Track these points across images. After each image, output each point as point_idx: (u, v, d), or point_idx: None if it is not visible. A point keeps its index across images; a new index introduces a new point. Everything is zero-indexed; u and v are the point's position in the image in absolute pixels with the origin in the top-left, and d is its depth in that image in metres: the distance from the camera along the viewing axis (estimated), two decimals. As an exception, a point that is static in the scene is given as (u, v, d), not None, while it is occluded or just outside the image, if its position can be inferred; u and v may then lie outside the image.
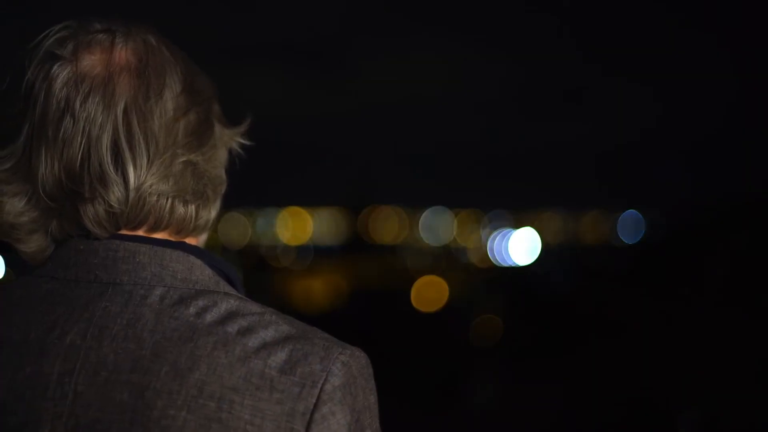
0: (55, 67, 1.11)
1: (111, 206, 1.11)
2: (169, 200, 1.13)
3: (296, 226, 39.42)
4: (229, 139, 1.25)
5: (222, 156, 1.23)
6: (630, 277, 19.87)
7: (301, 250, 36.66)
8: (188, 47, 1.23)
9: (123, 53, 1.13)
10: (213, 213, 1.21)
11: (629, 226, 33.36)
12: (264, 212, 38.84)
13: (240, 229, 36.15)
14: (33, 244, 1.16)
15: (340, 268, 29.95)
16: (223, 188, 1.23)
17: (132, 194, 1.10)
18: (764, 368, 10.91)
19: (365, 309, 20.63)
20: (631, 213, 34.05)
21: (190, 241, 1.19)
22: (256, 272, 28.80)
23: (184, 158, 1.13)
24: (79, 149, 1.09)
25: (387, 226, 37.89)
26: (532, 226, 35.86)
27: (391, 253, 34.46)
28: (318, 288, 27.29)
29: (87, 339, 1.08)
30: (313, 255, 35.43)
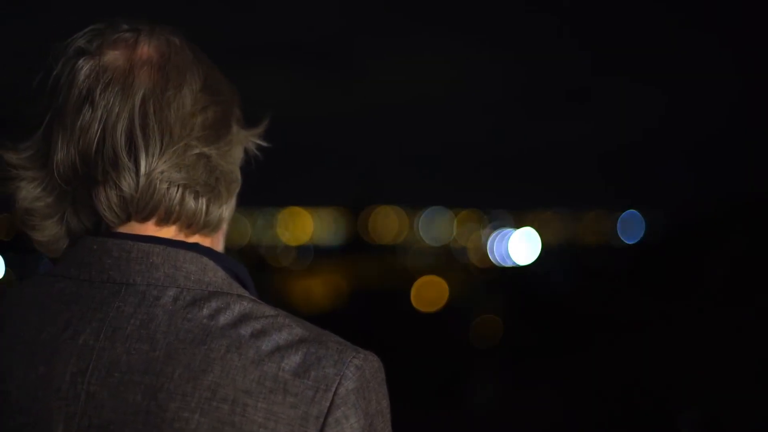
0: (80, 61, 1.14)
1: (122, 191, 1.11)
2: (180, 190, 1.13)
3: (296, 226, 39.43)
4: (245, 139, 1.26)
5: (237, 154, 1.24)
6: (630, 277, 19.87)
7: (301, 250, 36.66)
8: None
9: (146, 49, 1.15)
10: (226, 211, 1.22)
11: (629, 226, 33.38)
12: (264, 212, 38.86)
13: (240, 229, 36.15)
14: (47, 232, 1.17)
15: (340, 268, 29.94)
16: (236, 186, 1.24)
17: (143, 180, 1.11)
18: (764, 368, 10.91)
19: (365, 309, 20.62)
20: (631, 213, 34.07)
21: (204, 241, 1.19)
22: (256, 272, 28.68)
23: (197, 150, 1.14)
24: (95, 135, 1.11)
25: (387, 226, 37.91)
26: (532, 226, 35.87)
27: (391, 253, 34.46)
28: (318, 288, 27.28)
29: (100, 339, 1.08)
30: (313, 255, 35.43)
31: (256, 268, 30.53)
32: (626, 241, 32.09)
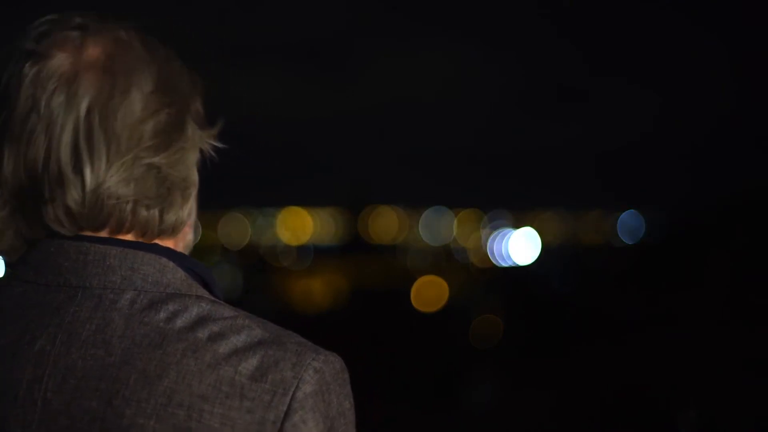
0: (27, 65, 1.09)
1: (68, 208, 1.08)
2: (130, 204, 1.10)
3: (296, 226, 39.42)
4: (201, 141, 1.19)
5: (192, 158, 1.17)
6: (630, 277, 19.87)
7: (301, 250, 36.65)
8: (193, 47, 1.21)
9: (92, 50, 1.10)
10: (183, 215, 1.16)
11: (629, 226, 33.39)
12: (264, 212, 38.85)
13: (240, 229, 36.13)
14: (6, 243, 1.14)
15: (340, 268, 29.94)
16: (192, 190, 1.18)
17: (89, 196, 1.08)
18: (764, 368, 10.92)
19: (365, 309, 20.62)
20: (631, 213, 34.09)
21: (165, 242, 1.16)
22: (256, 272, 28.77)
23: (147, 161, 1.10)
24: (42, 149, 1.08)
25: (387, 226, 37.91)
26: (532, 226, 35.87)
27: (391, 253, 34.46)
28: (318, 288, 27.27)
29: (56, 345, 1.06)
30: (313, 255, 35.42)
31: (256, 268, 30.51)
32: (626, 241, 32.09)
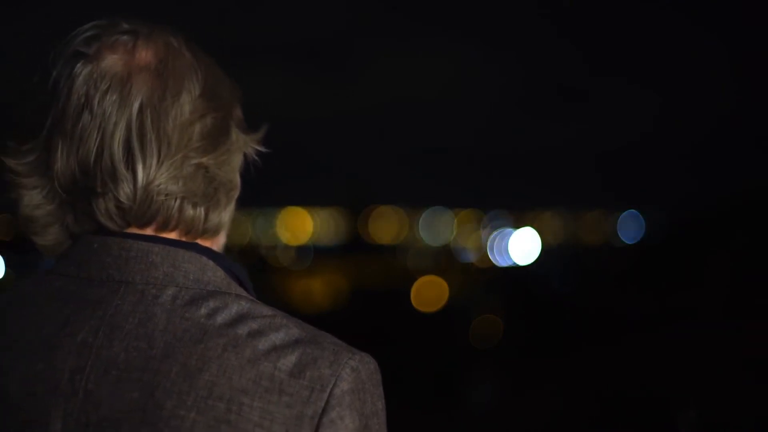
0: (79, 65, 1.13)
1: (120, 202, 1.12)
2: (178, 201, 1.14)
3: (296, 226, 39.43)
4: (245, 145, 1.25)
5: (236, 161, 1.23)
6: (630, 277, 19.89)
7: (301, 250, 36.67)
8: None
9: (144, 53, 1.15)
10: (225, 216, 1.22)
11: (629, 226, 33.41)
12: (264, 212, 38.86)
13: (240, 229, 36.12)
14: (50, 237, 1.18)
15: (340, 268, 29.95)
16: (235, 193, 1.24)
17: (140, 192, 1.12)
18: (764, 368, 10.92)
19: (365, 309, 20.62)
20: (631, 213, 34.10)
21: (204, 242, 1.20)
22: (256, 272, 28.79)
23: (195, 161, 1.14)
24: (94, 145, 1.11)
25: (387, 226, 37.92)
26: (532, 226, 35.87)
27: (391, 253, 34.47)
28: (318, 288, 27.28)
29: (99, 337, 1.09)
30: (313, 255, 35.44)
31: (256, 268, 30.55)
32: (626, 241, 32.11)
